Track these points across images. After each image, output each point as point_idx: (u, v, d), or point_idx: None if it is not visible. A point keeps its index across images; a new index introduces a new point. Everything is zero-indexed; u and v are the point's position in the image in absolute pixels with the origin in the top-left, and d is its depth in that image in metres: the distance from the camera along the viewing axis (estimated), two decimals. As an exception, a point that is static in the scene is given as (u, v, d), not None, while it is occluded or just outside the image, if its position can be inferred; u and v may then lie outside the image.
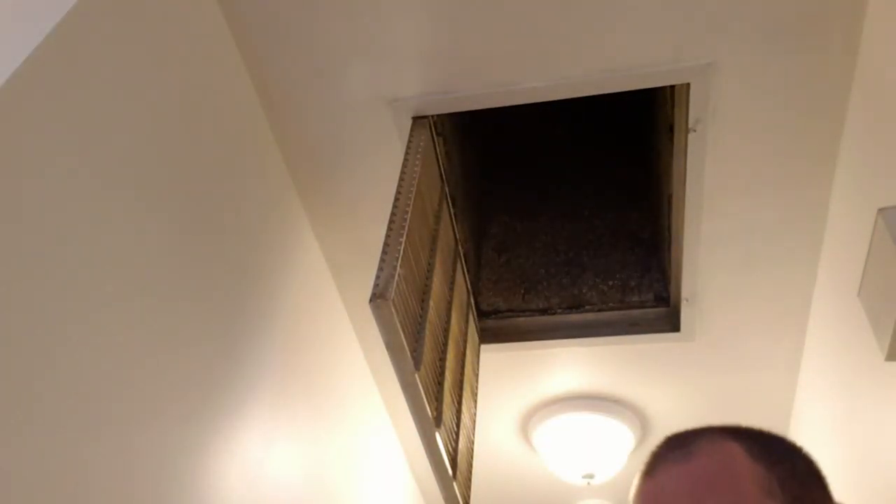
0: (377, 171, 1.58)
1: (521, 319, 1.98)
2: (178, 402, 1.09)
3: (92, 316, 0.93)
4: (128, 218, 1.03)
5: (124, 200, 1.02)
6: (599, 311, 1.95)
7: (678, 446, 0.68)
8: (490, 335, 1.97)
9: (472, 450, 1.62)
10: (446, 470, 1.32)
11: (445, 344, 1.46)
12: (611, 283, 2.00)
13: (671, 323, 1.87)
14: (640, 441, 2.26)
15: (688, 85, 1.39)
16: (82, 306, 0.91)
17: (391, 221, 1.24)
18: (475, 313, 1.91)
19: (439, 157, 1.60)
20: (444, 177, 1.64)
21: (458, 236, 1.76)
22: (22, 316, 0.82)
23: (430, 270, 1.40)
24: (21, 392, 0.81)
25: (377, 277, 1.13)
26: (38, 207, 0.86)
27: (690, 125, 1.43)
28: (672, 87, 1.50)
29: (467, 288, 1.85)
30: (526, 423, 2.24)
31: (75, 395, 0.88)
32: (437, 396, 1.31)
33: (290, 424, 1.45)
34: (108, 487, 0.92)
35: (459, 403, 1.51)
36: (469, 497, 1.49)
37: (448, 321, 1.51)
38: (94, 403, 0.91)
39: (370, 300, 1.09)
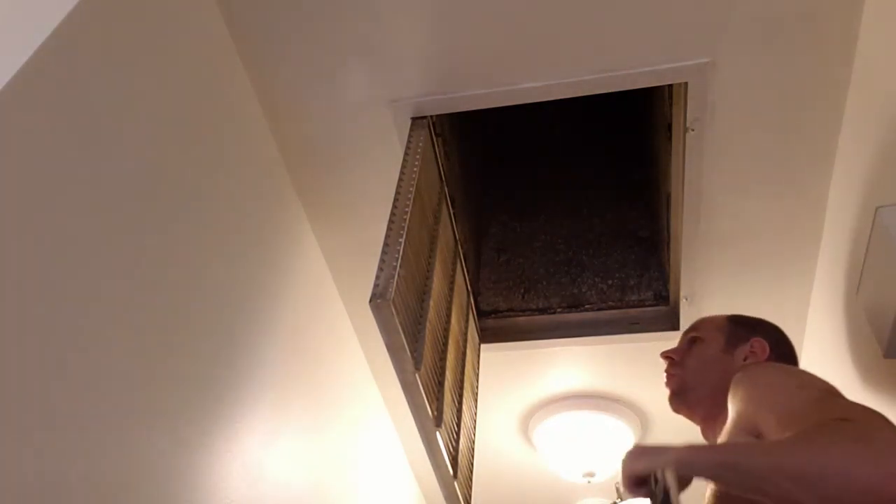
0: (376, 172, 1.58)
1: (521, 319, 1.98)
2: (179, 402, 1.09)
3: (92, 317, 0.93)
4: (128, 219, 1.03)
5: (124, 202, 1.03)
6: (599, 310, 1.95)
7: None
8: (490, 335, 1.97)
9: (473, 449, 1.62)
10: (447, 469, 1.33)
11: (445, 344, 1.46)
12: (610, 282, 2.00)
13: (670, 321, 1.88)
14: (641, 439, 2.26)
15: (686, 84, 1.39)
16: (83, 307, 0.92)
17: (391, 222, 1.24)
18: (475, 313, 1.91)
19: (438, 157, 1.60)
20: (443, 177, 1.64)
21: (457, 236, 1.76)
22: (22, 317, 0.82)
23: (430, 270, 1.40)
24: (22, 393, 0.81)
25: (377, 277, 1.13)
26: (38, 209, 0.87)
27: (688, 124, 1.44)
28: (670, 86, 1.50)
29: (467, 288, 1.85)
30: (526, 422, 2.25)
31: (75, 396, 0.89)
32: (438, 396, 1.31)
33: (290, 424, 1.45)
34: (110, 487, 0.92)
35: (460, 403, 1.51)
36: (470, 496, 1.50)
37: (448, 321, 1.52)
38: (94, 404, 0.91)
39: (370, 300, 1.09)
